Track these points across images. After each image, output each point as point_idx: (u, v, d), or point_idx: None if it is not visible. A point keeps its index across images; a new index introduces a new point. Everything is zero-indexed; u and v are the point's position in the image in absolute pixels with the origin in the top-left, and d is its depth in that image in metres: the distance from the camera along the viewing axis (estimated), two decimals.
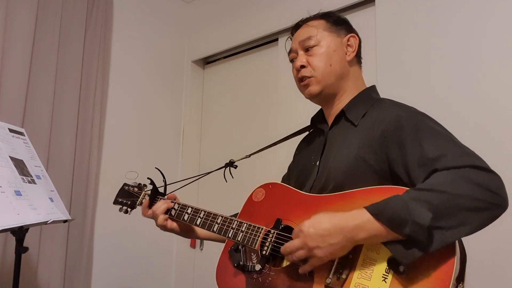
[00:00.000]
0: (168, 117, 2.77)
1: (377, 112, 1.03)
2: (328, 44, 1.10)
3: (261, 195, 1.12)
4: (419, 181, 0.88)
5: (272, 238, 1.02)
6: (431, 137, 0.91)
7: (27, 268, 1.97)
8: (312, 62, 1.10)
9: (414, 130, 0.93)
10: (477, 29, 1.62)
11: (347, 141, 1.04)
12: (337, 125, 1.11)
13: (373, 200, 0.86)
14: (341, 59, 1.10)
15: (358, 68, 1.15)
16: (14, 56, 2.01)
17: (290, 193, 1.07)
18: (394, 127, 0.95)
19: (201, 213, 1.19)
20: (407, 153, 0.91)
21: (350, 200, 0.94)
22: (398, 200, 0.82)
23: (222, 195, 2.43)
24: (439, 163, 0.85)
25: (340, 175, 1.00)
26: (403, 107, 1.02)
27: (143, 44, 2.65)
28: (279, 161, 2.02)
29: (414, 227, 0.78)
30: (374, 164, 0.96)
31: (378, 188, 0.92)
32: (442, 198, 0.79)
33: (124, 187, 1.40)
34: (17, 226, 1.26)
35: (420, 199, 0.80)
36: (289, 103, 2.25)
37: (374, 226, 0.82)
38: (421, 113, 0.99)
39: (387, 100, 1.08)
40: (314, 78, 1.10)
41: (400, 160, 0.92)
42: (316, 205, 0.99)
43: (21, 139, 1.60)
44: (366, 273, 0.85)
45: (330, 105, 1.14)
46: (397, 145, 0.93)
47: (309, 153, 1.18)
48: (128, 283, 2.46)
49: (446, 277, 0.78)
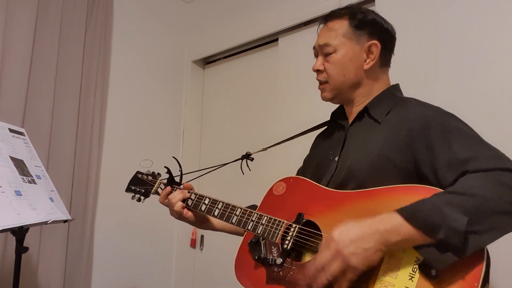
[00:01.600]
0: (168, 117, 2.77)
1: (403, 110, 1.02)
2: (344, 53, 1.08)
3: (281, 188, 1.11)
4: (447, 182, 0.87)
5: (294, 232, 1.00)
6: (460, 138, 0.90)
7: (27, 268, 1.97)
8: (327, 69, 1.10)
9: (442, 130, 0.92)
10: (479, 26, 1.61)
11: (370, 138, 1.02)
12: (359, 122, 1.10)
13: (400, 199, 0.84)
14: (357, 68, 1.08)
15: (380, 71, 1.12)
16: (14, 56, 2.01)
17: (312, 188, 1.05)
18: (422, 127, 0.94)
19: (219, 204, 1.19)
20: (436, 154, 0.90)
21: (374, 198, 0.92)
22: (431, 204, 0.80)
23: (227, 189, 2.43)
24: (470, 165, 0.84)
25: (362, 173, 0.98)
26: (430, 107, 1.00)
27: (143, 44, 2.65)
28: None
29: (449, 232, 0.76)
30: (399, 163, 0.95)
31: (405, 187, 0.90)
32: (475, 202, 0.78)
33: (138, 175, 1.38)
34: (17, 226, 1.26)
35: (453, 203, 0.79)
36: (289, 103, 2.25)
37: (406, 229, 0.80)
38: (448, 113, 0.98)
39: (412, 99, 1.06)
40: (328, 85, 1.11)
41: (428, 161, 0.91)
42: (339, 201, 0.97)
43: (21, 139, 1.60)
44: (392, 271, 0.84)
45: (350, 106, 1.14)
46: (425, 146, 0.92)
47: (327, 148, 1.16)
48: (128, 283, 2.46)
49: (474, 280, 0.77)
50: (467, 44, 1.63)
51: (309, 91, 2.14)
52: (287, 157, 2.09)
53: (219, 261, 2.50)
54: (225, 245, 2.29)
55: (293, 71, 2.26)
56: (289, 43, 2.32)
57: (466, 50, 1.63)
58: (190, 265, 2.68)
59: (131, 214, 2.43)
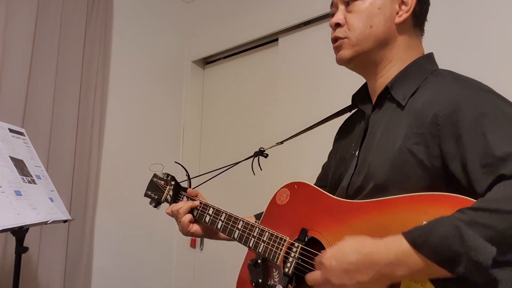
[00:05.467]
0: (168, 117, 2.77)
1: (431, 88, 0.80)
2: (373, 0, 0.87)
3: (285, 197, 0.99)
4: (481, 187, 0.66)
5: (296, 254, 0.89)
6: (500, 126, 0.67)
7: (27, 268, 1.97)
8: (350, 21, 0.88)
9: (476, 114, 0.70)
10: (479, 26, 1.61)
11: (392, 127, 0.82)
12: (381, 107, 0.90)
13: (420, 212, 0.69)
14: (387, 20, 0.87)
15: (413, 33, 0.90)
16: (14, 56, 2.01)
17: (317, 197, 0.92)
18: (450, 110, 0.72)
19: (222, 216, 1.09)
20: (466, 146, 0.69)
21: (390, 210, 0.75)
22: (447, 225, 0.61)
23: (229, 192, 2.43)
24: (509, 166, 0.63)
25: (381, 172, 0.80)
26: (463, 81, 0.78)
27: (143, 44, 2.65)
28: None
29: (469, 266, 0.58)
30: (424, 159, 0.74)
31: (429, 196, 0.71)
32: (509, 222, 0.58)
33: (153, 179, 1.28)
34: (17, 226, 1.26)
35: (478, 223, 0.59)
36: (289, 103, 2.25)
37: (414, 260, 0.62)
38: (488, 89, 0.75)
39: (445, 72, 0.84)
40: (348, 40, 0.89)
41: (457, 155, 0.70)
42: (349, 214, 0.83)
43: (21, 139, 1.60)
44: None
45: (373, 77, 0.92)
46: (453, 135, 0.71)
47: (350, 140, 0.98)
48: (128, 283, 2.46)
49: None
50: (470, 41, 1.63)
51: (309, 91, 2.15)
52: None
53: (219, 261, 2.50)
54: (225, 245, 2.29)
55: (293, 71, 2.26)
56: (289, 43, 2.32)
57: (469, 48, 1.63)
58: (190, 265, 2.68)
59: (131, 214, 2.43)
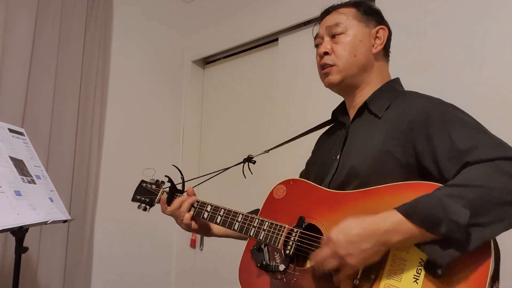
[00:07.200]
0: (168, 117, 2.77)
1: (402, 103, 1.00)
2: (355, 34, 1.06)
3: (282, 192, 1.09)
4: (450, 174, 0.84)
5: (296, 237, 0.99)
6: (460, 128, 0.87)
7: (27, 268, 1.97)
8: (337, 50, 1.06)
9: (442, 121, 0.90)
10: (481, 27, 1.61)
11: (371, 134, 1.00)
12: (360, 118, 1.08)
13: (402, 196, 0.82)
14: (367, 50, 1.06)
15: (384, 61, 1.12)
16: (14, 56, 2.01)
17: (312, 190, 1.04)
18: (421, 119, 0.92)
19: (221, 211, 1.17)
20: (435, 145, 0.88)
21: (376, 196, 0.90)
22: (431, 198, 0.78)
23: (228, 193, 2.43)
24: (471, 156, 0.82)
25: (364, 171, 0.96)
26: (429, 98, 0.99)
27: (143, 44, 2.65)
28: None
29: (450, 226, 0.74)
30: (400, 157, 0.93)
31: (407, 184, 0.88)
32: (477, 193, 0.76)
33: (142, 184, 1.37)
34: (17, 226, 1.26)
35: (454, 195, 0.76)
36: (289, 103, 2.25)
37: (407, 227, 0.78)
38: (448, 103, 0.96)
39: (412, 92, 1.05)
40: (336, 67, 1.06)
41: (428, 153, 0.89)
42: (341, 202, 0.96)
43: (21, 139, 1.60)
44: (396, 273, 0.82)
45: (352, 97, 1.11)
46: (425, 137, 0.90)
47: (330, 147, 1.14)
48: (128, 283, 2.46)
49: (481, 277, 0.74)
50: (467, 42, 1.63)
51: (309, 91, 2.15)
52: (289, 159, 2.08)
53: (219, 261, 2.50)
54: (225, 245, 2.29)
55: (293, 71, 2.26)
56: (289, 43, 2.32)
57: (466, 48, 1.63)
58: (190, 265, 2.68)
59: (131, 214, 2.41)
